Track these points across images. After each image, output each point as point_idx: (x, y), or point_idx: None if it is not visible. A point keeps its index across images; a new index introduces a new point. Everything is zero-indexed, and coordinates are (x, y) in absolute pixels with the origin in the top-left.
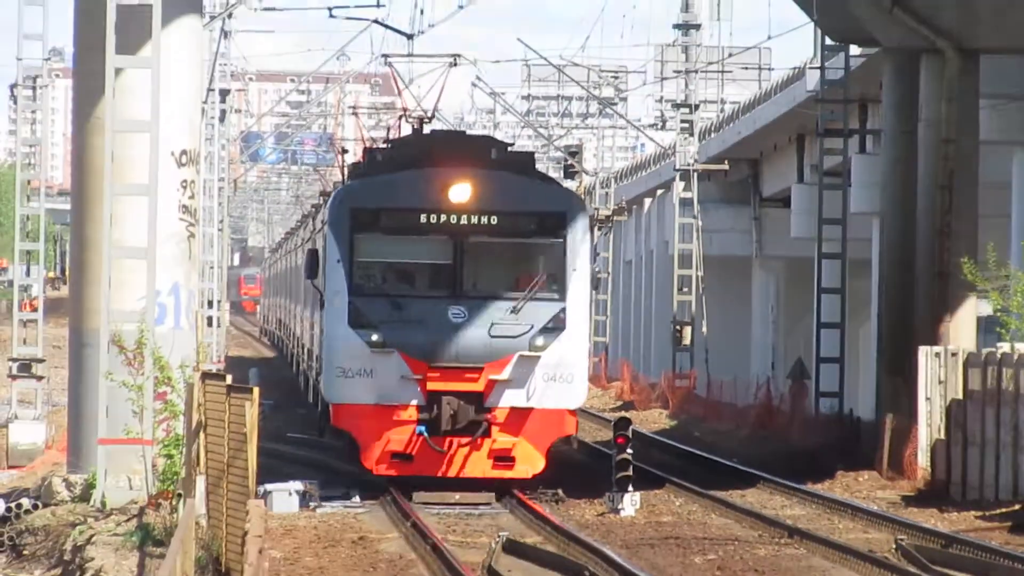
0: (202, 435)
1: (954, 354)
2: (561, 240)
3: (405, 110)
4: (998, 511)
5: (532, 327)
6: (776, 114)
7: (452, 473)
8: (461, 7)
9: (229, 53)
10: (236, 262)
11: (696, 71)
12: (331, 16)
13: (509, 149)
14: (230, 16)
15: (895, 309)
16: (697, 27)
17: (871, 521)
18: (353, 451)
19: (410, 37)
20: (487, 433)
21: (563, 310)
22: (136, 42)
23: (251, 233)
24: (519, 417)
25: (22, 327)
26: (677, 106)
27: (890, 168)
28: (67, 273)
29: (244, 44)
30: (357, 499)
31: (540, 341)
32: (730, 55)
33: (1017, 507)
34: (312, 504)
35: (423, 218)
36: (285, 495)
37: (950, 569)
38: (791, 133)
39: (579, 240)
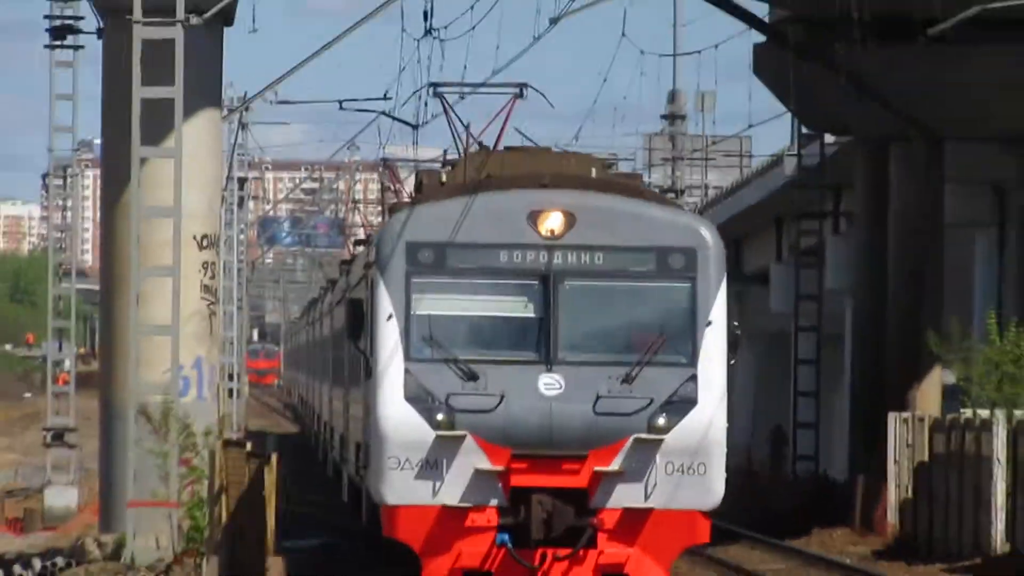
0: (224, 497)
1: (921, 419)
2: (689, 284)
3: (469, 136)
4: (960, 564)
5: (651, 401)
6: (756, 198)
7: None
8: (462, 97)
9: (246, 143)
10: (255, 338)
11: (682, 158)
12: (341, 108)
13: (612, 169)
14: (247, 109)
15: (866, 378)
16: (683, 118)
17: (845, 574)
18: (413, 568)
19: (415, 127)
20: (592, 543)
21: (692, 378)
22: (159, 133)
23: (268, 311)
24: (635, 521)
25: (55, 399)
26: (664, 191)
27: (862, 248)
28: (97, 349)
29: (260, 135)
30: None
31: (662, 420)
32: (713, 143)
33: (978, 560)
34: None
35: (503, 256)
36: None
37: None
38: (770, 215)
39: (712, 284)
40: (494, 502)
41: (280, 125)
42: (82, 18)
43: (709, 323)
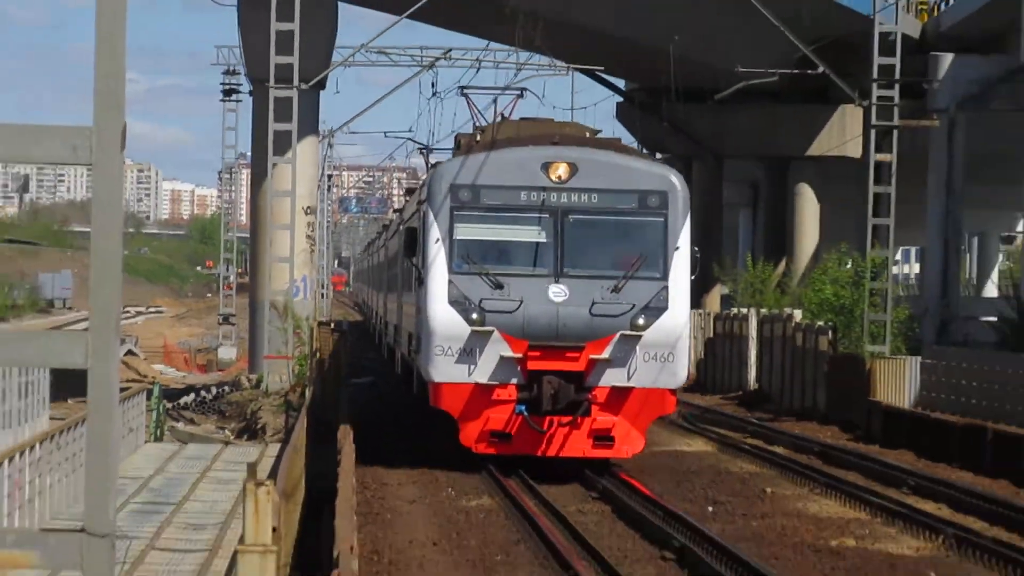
0: (318, 354)
1: (709, 314)
2: (662, 218)
3: (495, 110)
4: (730, 395)
5: (633, 306)
6: None
7: (551, 453)
8: (454, 132)
9: (332, 154)
10: (336, 265)
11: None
12: (385, 136)
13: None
14: (332, 135)
15: None
16: None
17: None
18: (452, 429)
19: (429, 149)
20: (587, 412)
21: (664, 289)
22: (283, 149)
23: (344, 249)
24: (619, 396)
25: (224, 298)
26: None
27: None
28: (248, 269)
29: (340, 150)
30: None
31: (641, 320)
32: None
33: (740, 393)
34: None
35: (523, 195)
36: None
37: (706, 424)
38: None
39: (680, 218)
40: (514, 381)
41: (351, 145)
42: (241, 84)
43: (677, 248)
